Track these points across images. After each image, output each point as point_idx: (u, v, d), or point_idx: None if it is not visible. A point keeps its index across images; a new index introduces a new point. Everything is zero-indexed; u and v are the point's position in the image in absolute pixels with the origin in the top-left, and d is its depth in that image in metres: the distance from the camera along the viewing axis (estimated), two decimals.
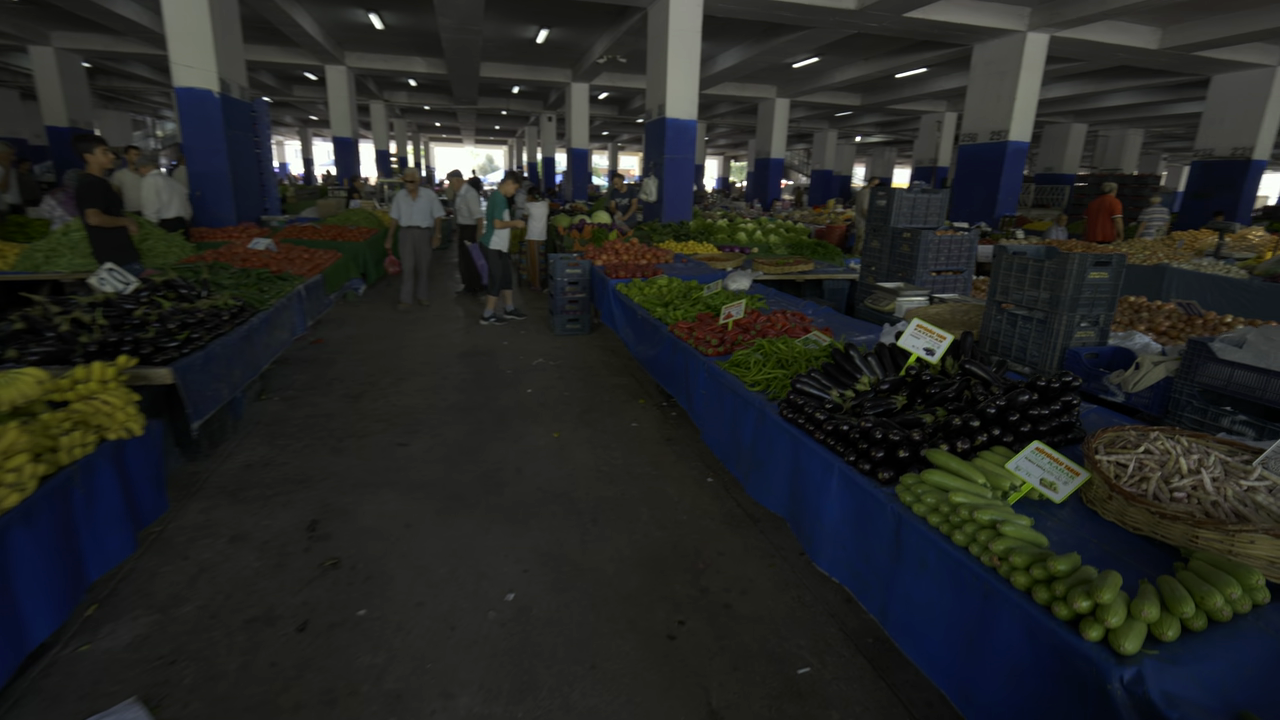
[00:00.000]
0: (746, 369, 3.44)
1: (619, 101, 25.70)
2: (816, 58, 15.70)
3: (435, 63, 18.27)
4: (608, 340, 6.97)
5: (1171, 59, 12.45)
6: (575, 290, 6.95)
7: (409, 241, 8.04)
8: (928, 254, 5.30)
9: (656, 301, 5.17)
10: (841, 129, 28.04)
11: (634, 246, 7.23)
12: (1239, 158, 13.28)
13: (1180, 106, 18.03)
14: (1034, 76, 11.65)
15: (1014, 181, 12.17)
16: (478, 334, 7.13)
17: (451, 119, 33.50)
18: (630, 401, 5.11)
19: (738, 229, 10.31)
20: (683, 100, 10.59)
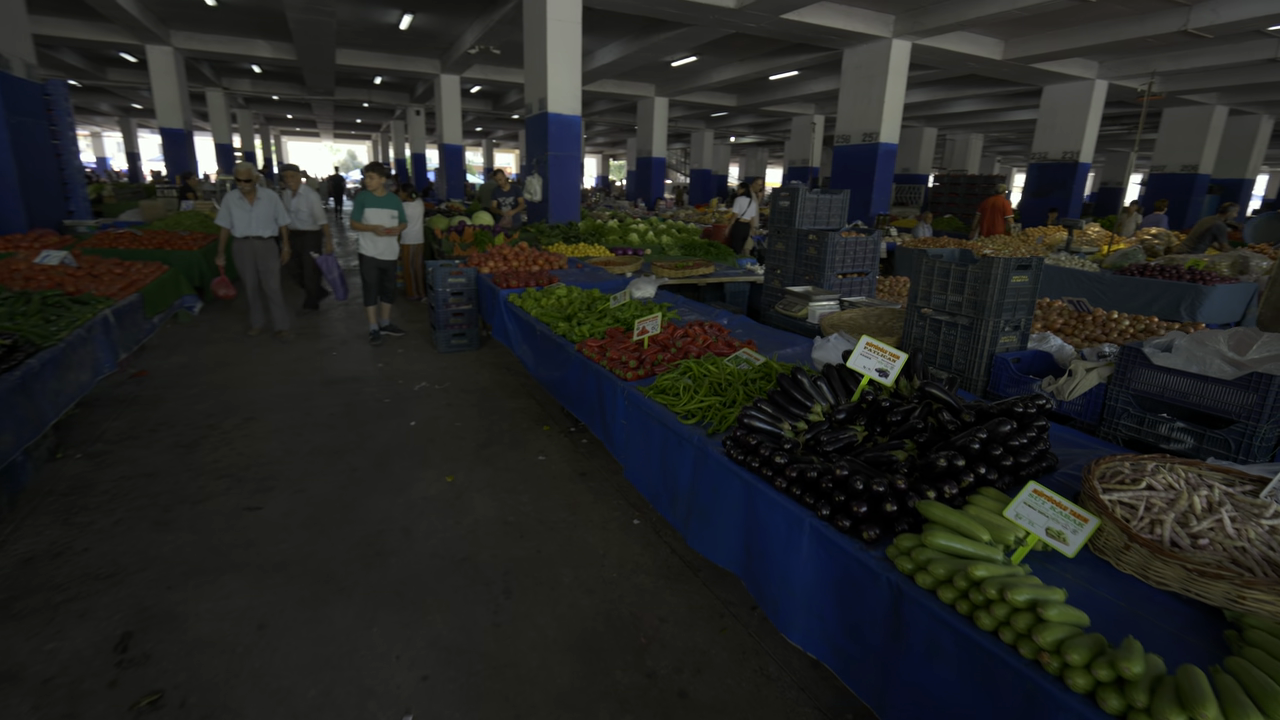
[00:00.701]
0: (676, 396, 3.00)
1: (493, 96, 24.62)
2: (695, 57, 15.68)
3: (283, 47, 16.45)
4: (501, 356, 6.31)
5: (1012, 69, 13.51)
6: (460, 302, 6.23)
7: (248, 256, 6.35)
8: (834, 256, 5.14)
9: (557, 315, 4.63)
10: (718, 129, 28.58)
11: (524, 251, 6.62)
12: (1069, 160, 14.71)
13: (1015, 114, 19.85)
14: (899, 81, 12.19)
15: (886, 181, 12.71)
16: (348, 355, 6.22)
17: (305, 111, 30.72)
18: (533, 429, 4.53)
19: (629, 230, 9.93)
20: (565, 95, 10.04)
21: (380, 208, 6.28)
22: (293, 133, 45.07)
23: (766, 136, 30.09)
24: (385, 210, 6.30)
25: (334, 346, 6.50)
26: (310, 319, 7.68)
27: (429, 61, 17.85)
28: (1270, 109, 16.47)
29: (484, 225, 9.33)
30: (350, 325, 7.46)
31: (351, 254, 12.61)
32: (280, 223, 6.55)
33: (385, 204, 6.31)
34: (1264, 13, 9.50)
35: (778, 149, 36.08)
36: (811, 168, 22.54)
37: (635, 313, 4.34)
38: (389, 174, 6.15)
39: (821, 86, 18.00)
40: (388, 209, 6.31)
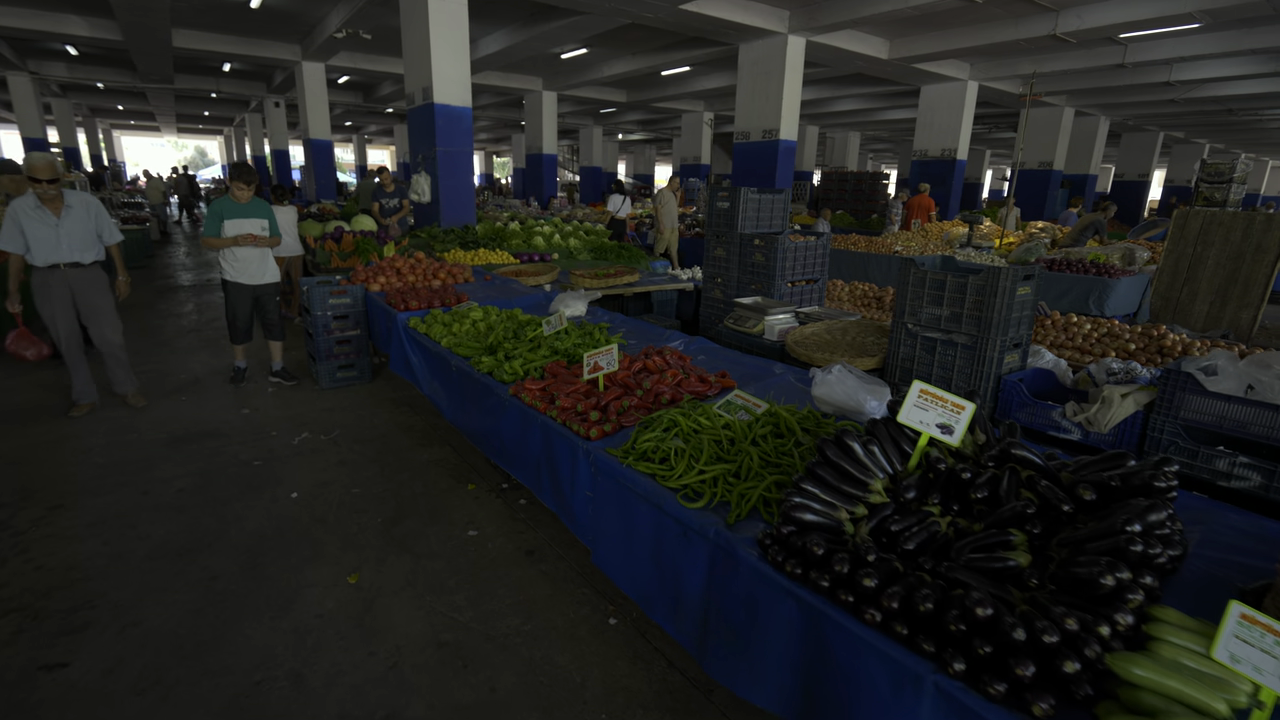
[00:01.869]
0: (665, 464, 2.27)
1: (364, 87, 22.54)
2: (585, 49, 14.90)
3: (103, 24, 13.93)
4: (401, 388, 5.28)
5: (895, 69, 13.82)
6: (345, 326, 5.14)
7: (58, 292, 4.34)
8: (784, 263, 4.60)
9: (477, 346, 3.75)
10: (606, 125, 27.92)
11: (421, 263, 5.59)
12: (947, 157, 15.34)
13: (892, 113, 20.67)
14: (796, 77, 12.05)
15: (787, 178, 12.56)
16: (202, 399, 4.96)
17: (140, 101, 26.82)
18: (455, 489, 3.63)
19: (533, 233, 9.03)
20: (452, 84, 8.97)
21: (245, 217, 4.98)
22: (126, 127, 39.60)
23: (655, 133, 29.82)
24: (251, 221, 5.01)
25: (183, 388, 5.19)
26: (152, 351, 6.21)
27: (288, 47, 15.85)
28: (1107, 111, 18.09)
29: (366, 231, 8.10)
30: (207, 358, 6.09)
31: (201, 279, 10.84)
32: (107, 241, 4.52)
33: (252, 212, 5.01)
34: (1122, 19, 10.10)
35: (665, 146, 35.99)
36: (703, 165, 22.41)
37: (576, 340, 3.55)
38: (253, 174, 4.78)
39: (713, 83, 17.78)
40: (255, 218, 5.03)
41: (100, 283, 4.53)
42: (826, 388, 2.73)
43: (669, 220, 10.33)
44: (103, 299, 4.54)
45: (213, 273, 10.93)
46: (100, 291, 4.53)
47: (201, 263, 11.98)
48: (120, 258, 4.67)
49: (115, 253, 4.64)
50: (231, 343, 5.28)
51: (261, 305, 5.18)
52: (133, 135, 46.50)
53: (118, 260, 4.65)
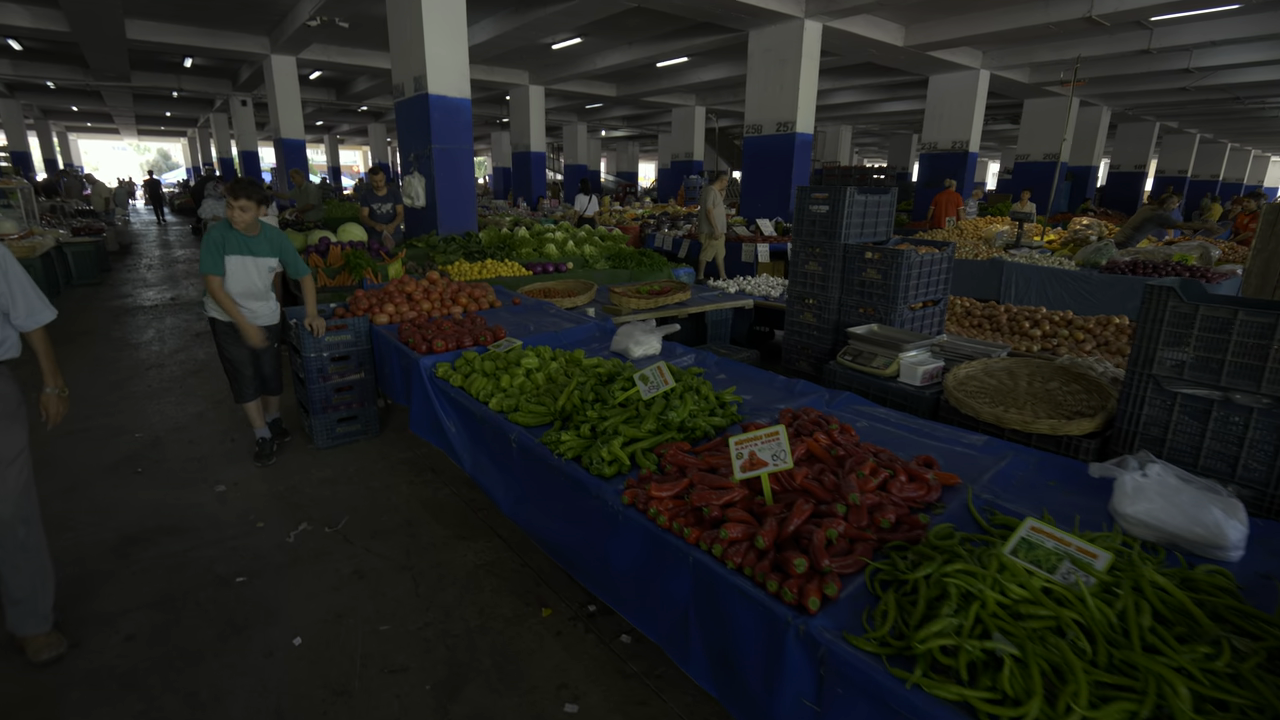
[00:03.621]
0: (993, 690, 1.26)
1: (337, 84, 21.09)
2: (579, 38, 13.75)
3: (47, 14, 12.41)
4: (416, 440, 4.19)
5: (908, 57, 12.94)
6: (346, 369, 4.02)
7: None
8: (909, 281, 3.61)
9: (541, 409, 2.69)
10: (591, 122, 26.73)
11: (436, 285, 4.48)
12: (958, 150, 14.53)
13: (891, 105, 19.85)
14: (813, 65, 11.08)
15: (804, 174, 11.60)
16: (163, 470, 3.81)
17: (96, 102, 24.89)
18: (525, 616, 2.57)
19: (545, 240, 7.93)
20: (450, 72, 7.82)
21: (253, 255, 3.61)
22: (83, 129, 37.26)
23: (641, 129, 28.71)
24: (262, 261, 3.66)
25: (139, 453, 4.02)
26: (102, 401, 5.02)
27: (255, 39, 14.43)
28: (1110, 100, 17.48)
29: (356, 243, 6.93)
30: (170, 407, 4.91)
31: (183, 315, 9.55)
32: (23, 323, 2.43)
33: (261, 247, 3.63)
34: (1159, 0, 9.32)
35: (648, 143, 34.90)
36: (695, 161, 21.41)
37: (693, 407, 2.50)
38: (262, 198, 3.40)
39: (711, 75, 16.77)
40: (265, 256, 3.67)
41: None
42: (1146, 502, 1.73)
43: (721, 223, 9.22)
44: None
45: (177, 289, 9.62)
46: None
47: (164, 278, 10.63)
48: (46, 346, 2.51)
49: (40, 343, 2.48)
50: (237, 402, 3.87)
51: (259, 352, 3.90)
52: (90, 138, 43.98)
53: (42, 356, 2.50)
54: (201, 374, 5.58)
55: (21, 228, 9.36)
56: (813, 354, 4.07)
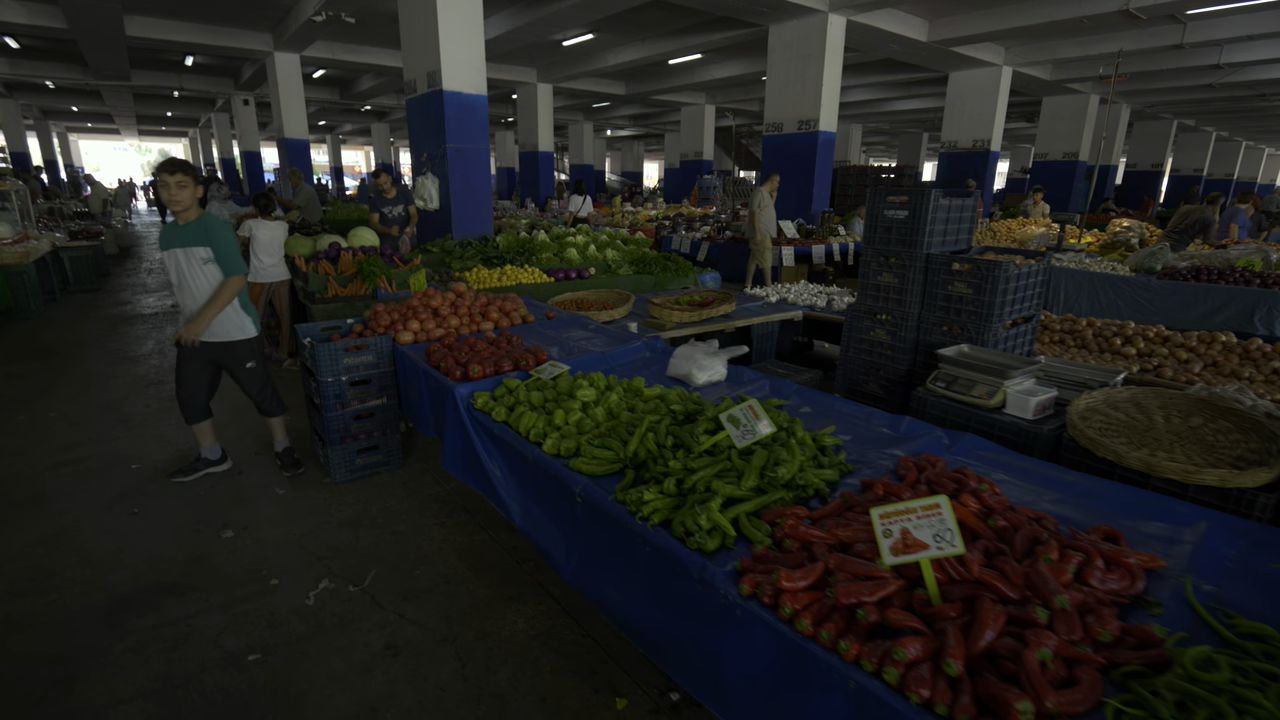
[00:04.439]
0: None
1: (340, 82, 20.63)
2: (592, 34, 13.31)
3: (44, 10, 11.96)
4: (443, 475, 3.76)
5: (930, 53, 12.49)
6: (367, 394, 3.58)
7: None
8: (1006, 296, 3.18)
9: (608, 455, 2.26)
10: (597, 121, 26.27)
11: (463, 299, 4.04)
12: (979, 149, 14.09)
13: (904, 103, 19.40)
14: (836, 60, 10.64)
15: (826, 173, 11.17)
16: (163, 510, 3.38)
17: (96, 102, 24.42)
18: (595, 706, 2.13)
19: (565, 244, 7.49)
20: (464, 66, 7.39)
21: (183, 246, 3.27)
22: (84, 130, 36.76)
23: (647, 128, 28.24)
24: (193, 251, 3.26)
25: (135, 489, 3.58)
26: (92, 431, 4.58)
27: (258, 36, 13.98)
28: (1131, 98, 17.05)
29: (368, 247, 6.49)
30: (171, 432, 4.47)
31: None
32: None
33: (194, 237, 3.26)
34: None
35: (653, 143, 34.43)
36: (704, 160, 20.96)
37: (804, 459, 2.06)
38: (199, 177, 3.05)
39: (724, 72, 16.33)
40: (197, 248, 3.27)
41: None
42: None
43: (769, 227, 8.77)
44: None
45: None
46: None
47: (165, 283, 10.19)
48: None
49: None
50: (187, 422, 3.59)
51: (231, 373, 3.55)
52: (91, 139, 43.51)
53: None
54: None
55: (16, 231, 8.92)
56: (885, 375, 3.64)
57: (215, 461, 3.74)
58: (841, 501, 1.89)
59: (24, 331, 6.98)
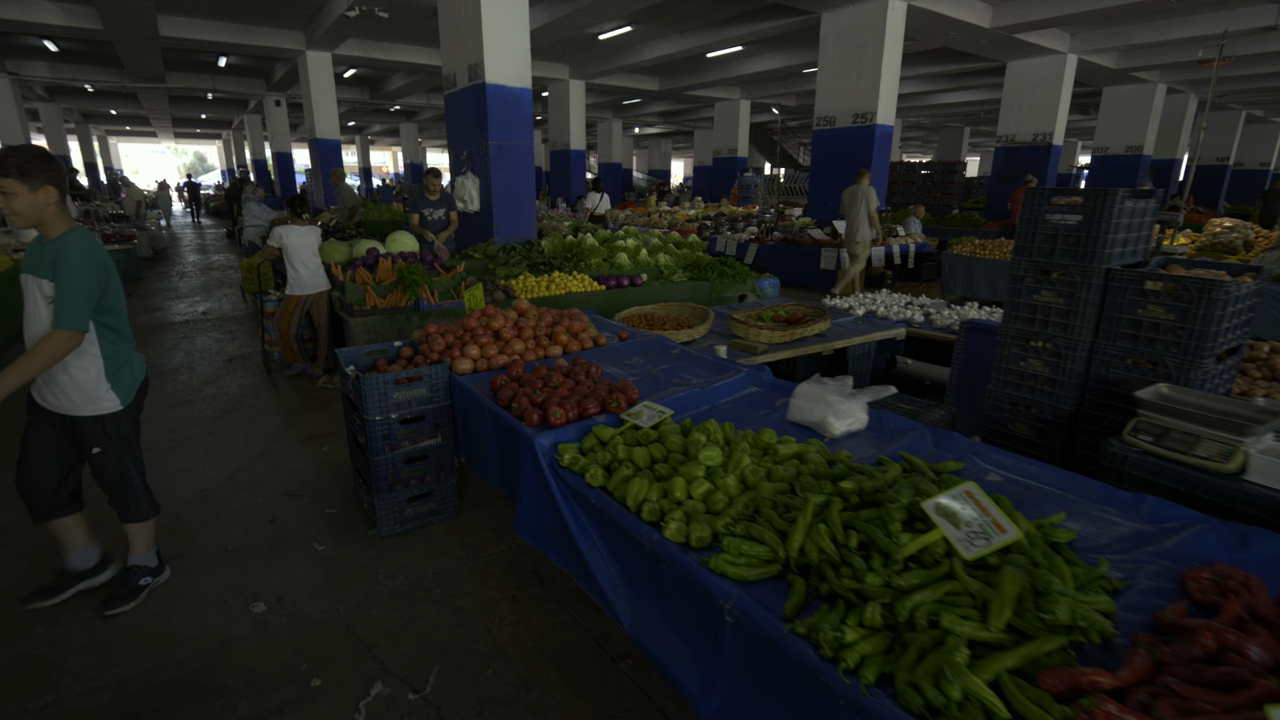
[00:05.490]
0: None
1: (370, 82, 20.29)
2: (629, 26, 12.68)
3: (81, 12, 11.70)
4: (504, 526, 3.19)
5: (991, 40, 11.64)
6: (419, 433, 3.01)
7: None
8: (1221, 324, 2.50)
9: (756, 550, 1.65)
10: (626, 118, 25.63)
11: (528, 318, 3.45)
12: (1040, 143, 13.18)
13: (950, 95, 18.46)
14: (896, 49, 9.88)
15: (884, 170, 10.41)
16: (192, 570, 2.86)
17: (133, 105, 24.46)
18: None
19: (615, 249, 6.89)
20: (509, 58, 6.82)
21: (33, 273, 2.28)
22: (122, 133, 37.14)
23: (677, 125, 27.52)
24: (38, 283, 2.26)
25: (162, 538, 3.06)
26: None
27: (290, 35, 13.60)
28: (1198, 87, 15.94)
29: (408, 253, 5.96)
30: (197, 463, 3.97)
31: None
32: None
33: (39, 264, 2.26)
34: None
35: (680, 140, 33.71)
36: (739, 158, 20.23)
37: (1070, 583, 1.43)
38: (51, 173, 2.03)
39: (760, 66, 15.59)
40: (42, 278, 2.25)
41: None
42: None
43: (866, 230, 8.02)
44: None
45: (209, 300, 8.78)
46: None
47: (197, 287, 9.82)
48: None
49: None
50: (32, 521, 2.52)
51: (82, 450, 2.48)
52: (129, 142, 44.05)
53: None
54: (233, 414, 4.65)
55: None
56: (1040, 416, 2.97)
57: (91, 571, 2.66)
58: (1148, 661, 1.26)
59: None
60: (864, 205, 7.93)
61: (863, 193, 7.97)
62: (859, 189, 8.02)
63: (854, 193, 8.01)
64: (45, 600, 2.58)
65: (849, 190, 8.12)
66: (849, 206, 8.06)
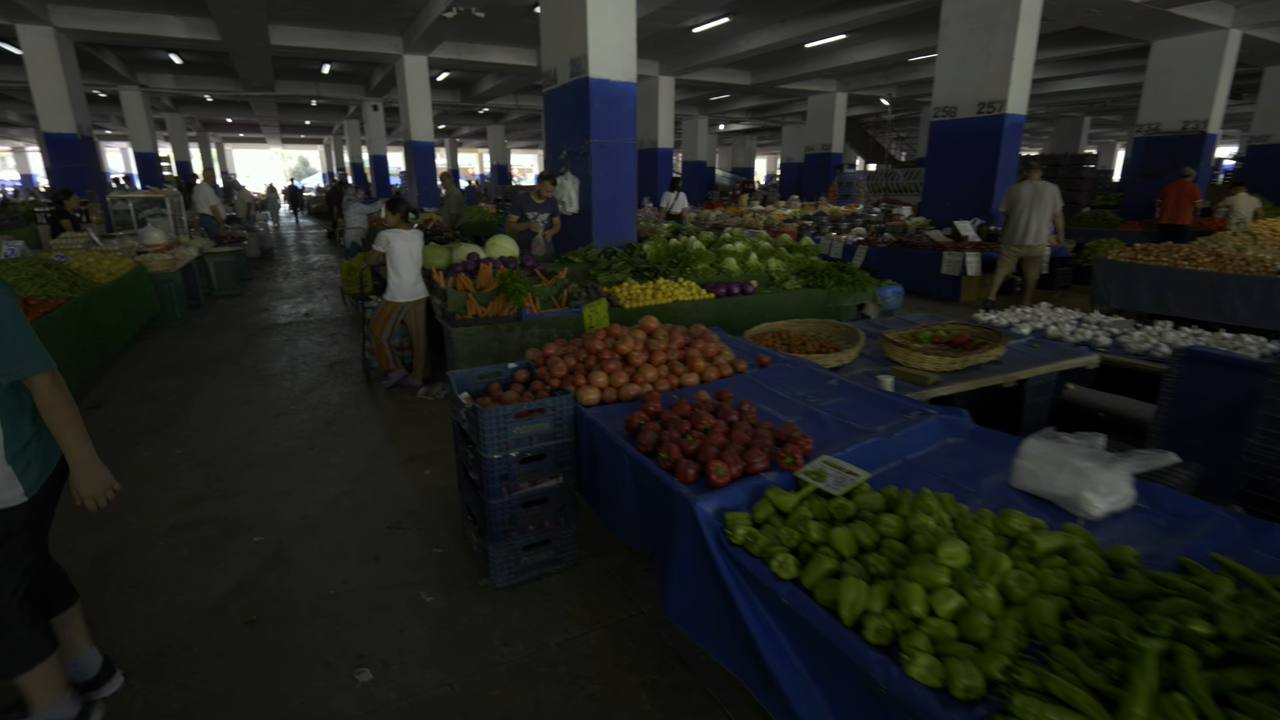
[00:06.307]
0: None
1: (461, 85, 20.62)
2: (726, 17, 12.10)
3: (200, 24, 12.30)
4: (630, 580, 2.75)
5: (1139, 16, 10.30)
6: (540, 473, 2.61)
7: None
8: None
9: (1060, 713, 1.11)
10: (712, 115, 25.00)
11: (658, 339, 2.99)
12: (1191, 131, 11.63)
13: (1077, 82, 16.81)
14: (1032, 29, 8.85)
15: (1012, 165, 9.39)
16: (280, 633, 2.58)
17: (246, 113, 26.06)
18: None
19: (723, 253, 6.37)
20: (614, 50, 6.43)
21: None
22: (236, 139, 39.82)
23: (764, 121, 26.62)
24: None
25: (261, 573, 2.82)
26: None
27: (389, 40, 13.86)
28: None
29: (509, 258, 5.66)
30: (297, 481, 3.76)
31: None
32: None
33: None
34: None
35: (765, 137, 32.71)
36: (833, 153, 19.21)
37: None
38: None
39: (862, 56, 14.65)
40: None
41: None
42: None
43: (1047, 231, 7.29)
44: None
45: (311, 302, 8.90)
46: None
47: (300, 288, 10.04)
48: None
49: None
50: None
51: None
52: (242, 148, 47.25)
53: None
54: (334, 427, 4.46)
55: (169, 238, 8.95)
56: None
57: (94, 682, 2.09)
58: None
59: (166, 343, 6.75)
60: (1051, 203, 7.08)
61: (1049, 190, 7.12)
62: (1038, 184, 7.14)
63: (1035, 189, 7.11)
64: None
65: (1025, 186, 7.17)
66: (1026, 204, 7.14)
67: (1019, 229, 7.25)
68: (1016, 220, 7.26)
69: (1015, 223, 7.28)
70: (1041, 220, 7.16)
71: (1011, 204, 7.27)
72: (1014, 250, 7.36)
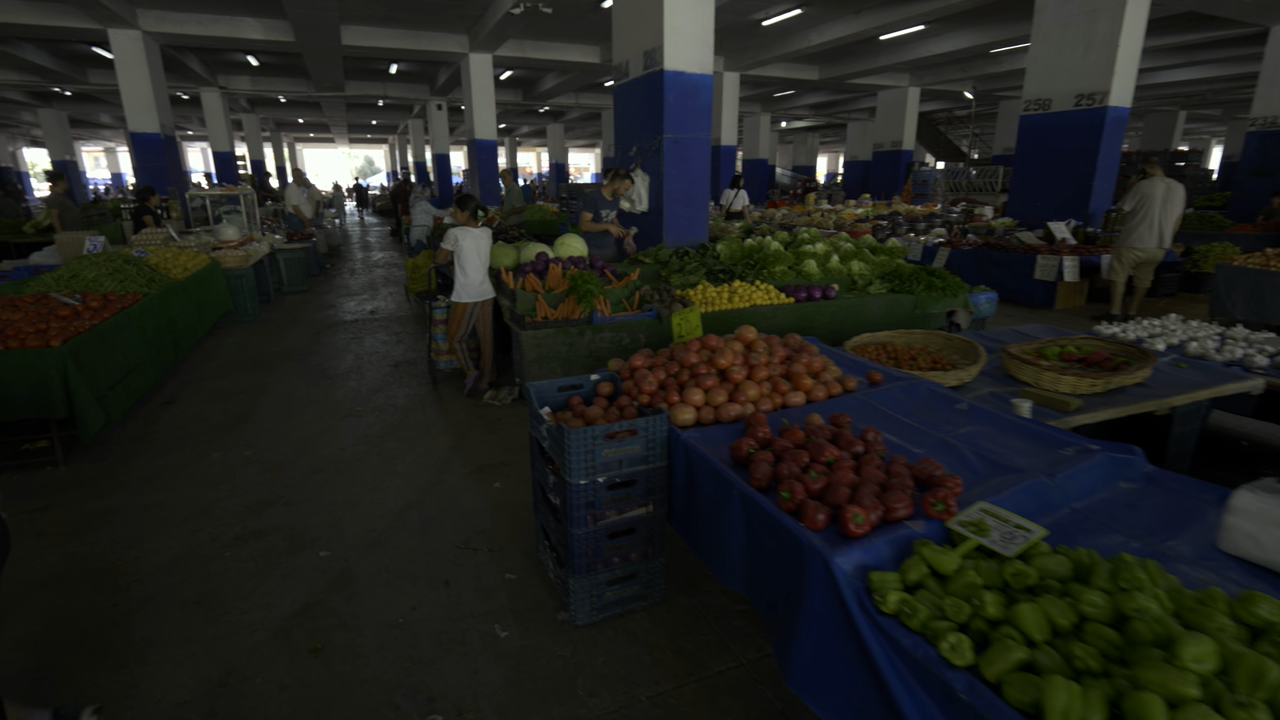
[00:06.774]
0: None
1: (523, 84, 20.69)
2: (799, 9, 11.62)
3: (276, 26, 12.63)
4: (727, 624, 2.46)
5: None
6: (629, 501, 2.35)
7: None
8: None
9: None
10: (775, 111, 24.39)
11: (758, 352, 2.69)
12: None
13: (1177, 73, 15.56)
14: (1141, 14, 8.11)
15: (1113, 162, 8.64)
16: (344, 666, 2.40)
17: (317, 113, 26.93)
18: None
19: (803, 255, 5.99)
20: (691, 41, 6.12)
21: None
22: (306, 139, 41.34)
23: (828, 118, 25.81)
24: None
25: (326, 595, 2.66)
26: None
27: (455, 38, 13.93)
28: None
29: (577, 258, 5.44)
30: (361, 473, 3.62)
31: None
32: None
33: None
34: None
35: (828, 134, 31.78)
36: (904, 151, 18.40)
37: None
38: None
39: (939, 48, 13.88)
40: None
41: None
42: None
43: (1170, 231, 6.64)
44: None
45: (376, 299, 8.94)
46: None
47: (365, 285, 10.14)
48: None
49: None
50: None
51: None
52: (312, 147, 49.07)
53: None
54: (400, 431, 4.32)
55: (242, 234, 9.15)
56: None
57: None
58: None
59: (237, 339, 6.83)
60: (1181, 204, 6.48)
61: (1179, 190, 6.47)
62: (1170, 183, 6.47)
63: (1168, 187, 6.43)
64: None
65: (1158, 183, 6.43)
66: (1159, 202, 6.43)
67: (1152, 230, 6.53)
68: (1149, 220, 6.51)
69: (1146, 223, 6.53)
70: (1170, 222, 6.48)
71: (1142, 201, 6.53)
72: (1135, 253, 6.65)
